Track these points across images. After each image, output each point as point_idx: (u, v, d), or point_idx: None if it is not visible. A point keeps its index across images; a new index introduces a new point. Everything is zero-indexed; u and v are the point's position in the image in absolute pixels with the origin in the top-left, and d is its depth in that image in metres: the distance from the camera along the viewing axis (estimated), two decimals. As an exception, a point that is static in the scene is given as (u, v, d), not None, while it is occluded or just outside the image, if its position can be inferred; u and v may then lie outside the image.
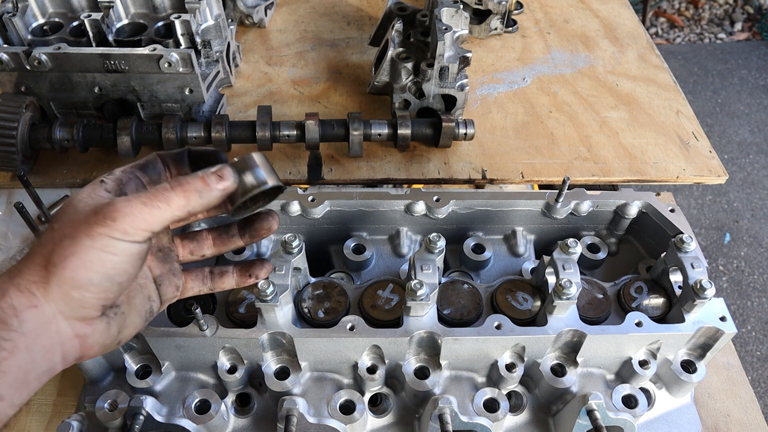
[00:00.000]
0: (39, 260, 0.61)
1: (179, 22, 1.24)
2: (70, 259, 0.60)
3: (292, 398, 0.85)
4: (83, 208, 0.63)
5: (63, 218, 0.63)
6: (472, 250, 1.07)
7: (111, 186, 0.67)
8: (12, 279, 0.61)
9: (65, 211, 0.64)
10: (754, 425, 0.98)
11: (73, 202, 0.65)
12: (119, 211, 0.61)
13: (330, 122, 1.22)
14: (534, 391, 0.93)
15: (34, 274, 0.61)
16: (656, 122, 1.41)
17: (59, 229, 0.62)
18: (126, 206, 0.62)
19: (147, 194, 0.63)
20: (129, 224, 0.62)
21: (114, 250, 0.62)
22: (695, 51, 4.59)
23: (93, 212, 0.62)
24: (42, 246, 0.62)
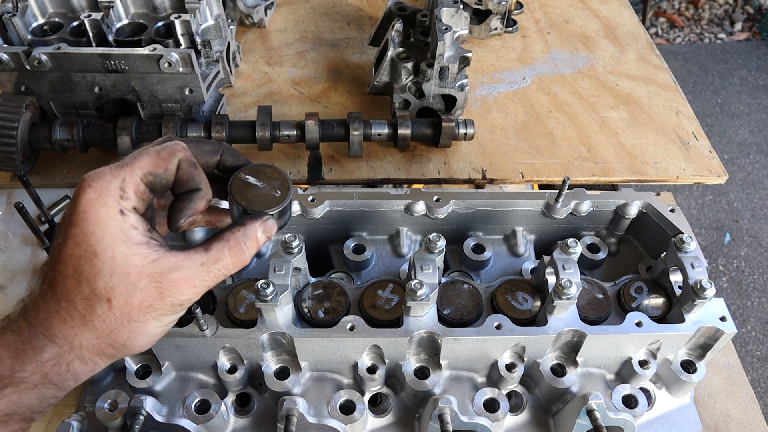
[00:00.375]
0: (104, 338, 0.62)
1: (179, 22, 1.24)
2: (140, 339, 0.64)
3: (292, 398, 0.85)
4: (140, 282, 0.61)
5: (119, 293, 0.60)
6: (472, 250, 1.07)
7: (136, 221, 0.63)
8: (75, 352, 0.62)
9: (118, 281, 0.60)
10: (754, 425, 0.98)
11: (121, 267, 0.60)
12: (185, 297, 0.64)
13: (330, 122, 1.22)
14: (534, 391, 0.93)
15: (101, 351, 0.63)
16: (656, 122, 1.41)
17: (121, 309, 0.61)
18: (191, 293, 0.64)
19: (210, 276, 0.64)
20: (192, 302, 0.66)
21: (175, 320, 0.67)
22: (695, 51, 4.59)
23: (158, 294, 0.62)
24: (105, 324, 0.61)
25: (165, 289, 0.62)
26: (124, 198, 0.61)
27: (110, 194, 0.61)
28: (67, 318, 0.61)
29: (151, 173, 0.64)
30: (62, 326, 0.61)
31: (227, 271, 0.66)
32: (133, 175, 0.62)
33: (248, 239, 0.67)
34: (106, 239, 0.60)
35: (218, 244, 0.66)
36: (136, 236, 0.62)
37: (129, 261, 0.60)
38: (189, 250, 0.65)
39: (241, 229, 0.67)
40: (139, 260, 0.61)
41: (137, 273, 0.61)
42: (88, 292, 0.60)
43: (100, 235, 0.60)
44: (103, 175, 0.61)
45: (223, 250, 0.65)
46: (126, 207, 0.61)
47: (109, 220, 0.60)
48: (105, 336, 0.62)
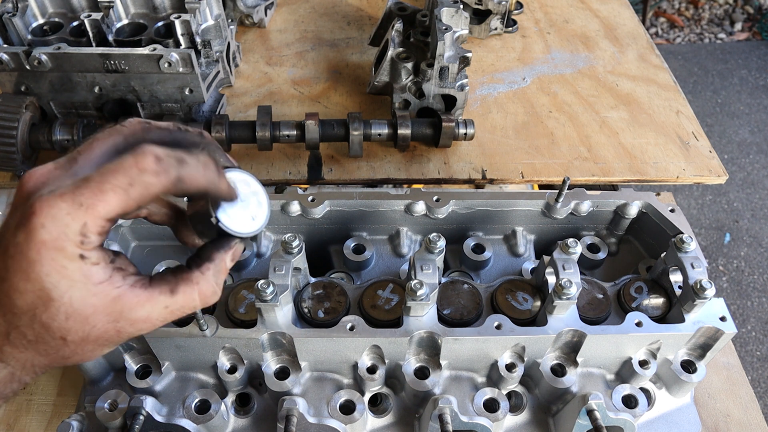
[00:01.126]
0: (57, 360, 0.60)
1: (179, 22, 1.24)
2: (90, 359, 0.62)
3: (292, 398, 0.85)
4: (98, 322, 0.57)
5: (75, 332, 0.57)
6: (472, 250, 1.07)
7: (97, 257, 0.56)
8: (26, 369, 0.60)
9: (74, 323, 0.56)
10: (754, 425, 0.98)
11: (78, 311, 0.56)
12: (142, 331, 0.60)
13: (330, 122, 1.22)
14: (534, 391, 0.93)
15: (51, 367, 0.61)
16: (656, 122, 1.41)
17: (74, 346, 0.58)
18: (149, 327, 0.60)
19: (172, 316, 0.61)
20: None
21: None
22: (695, 51, 4.59)
23: (115, 333, 0.59)
24: (50, 350, 0.58)
25: (123, 328, 0.59)
26: (86, 243, 0.54)
27: (68, 239, 0.53)
28: (19, 346, 0.58)
29: (120, 214, 0.55)
30: (14, 351, 0.58)
31: (192, 311, 0.63)
32: (96, 219, 0.53)
33: (219, 275, 0.64)
34: (62, 284, 0.54)
35: (186, 287, 0.61)
36: (97, 274, 0.56)
37: (87, 303, 0.56)
38: (153, 288, 0.60)
39: (211, 266, 0.63)
40: (97, 301, 0.56)
41: (95, 313, 0.56)
42: (41, 330, 0.56)
43: (57, 279, 0.54)
44: (58, 216, 0.52)
45: (192, 295, 0.61)
46: (87, 250, 0.54)
47: (67, 263, 0.54)
48: (58, 360, 0.60)
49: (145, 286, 0.59)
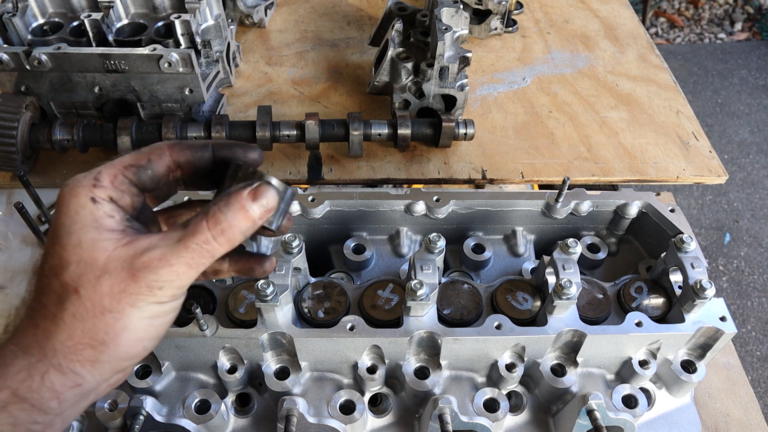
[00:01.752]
0: (79, 336, 0.55)
1: (179, 22, 1.24)
2: (122, 334, 0.56)
3: (292, 398, 0.85)
4: (110, 265, 0.55)
5: (87, 280, 0.55)
6: (472, 250, 1.07)
7: (111, 209, 0.58)
8: (49, 359, 0.55)
9: (85, 267, 0.55)
10: (754, 425, 0.98)
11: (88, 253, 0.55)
12: (163, 278, 0.56)
13: (330, 122, 1.22)
14: (534, 391, 0.93)
15: (78, 353, 0.55)
16: (656, 122, 1.41)
17: (91, 298, 0.55)
18: (169, 272, 0.56)
19: (188, 252, 0.56)
20: (176, 287, 0.57)
21: (163, 312, 0.58)
22: (695, 51, 4.59)
23: (130, 277, 0.55)
24: (77, 320, 0.55)
25: (138, 270, 0.55)
26: (98, 186, 0.58)
27: (82, 185, 0.58)
28: (39, 320, 0.56)
29: (132, 165, 0.61)
30: (34, 331, 0.55)
31: (210, 247, 0.57)
32: (110, 167, 0.60)
33: (230, 209, 0.57)
34: (74, 227, 0.56)
35: (197, 218, 0.58)
36: (110, 223, 0.57)
37: (97, 246, 0.55)
38: (167, 230, 0.60)
39: (224, 198, 0.58)
40: (109, 245, 0.56)
41: (106, 257, 0.55)
42: (57, 285, 0.55)
43: (69, 224, 0.56)
44: (79, 175, 0.60)
45: (200, 223, 0.57)
46: (99, 195, 0.57)
47: (80, 209, 0.56)
48: (79, 333, 0.55)
49: (159, 231, 0.60)
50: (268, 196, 0.59)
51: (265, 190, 0.58)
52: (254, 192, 0.58)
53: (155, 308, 0.57)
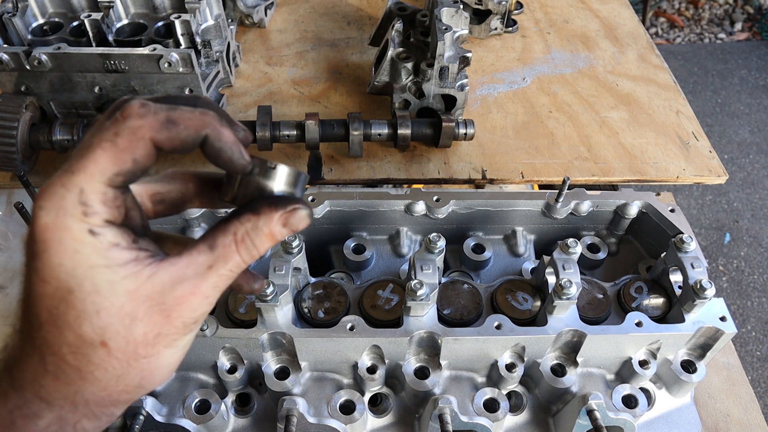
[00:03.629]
0: (113, 387, 0.50)
1: (179, 22, 1.24)
2: (157, 373, 0.52)
3: (292, 398, 0.85)
4: (138, 311, 0.48)
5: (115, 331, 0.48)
6: (472, 250, 1.07)
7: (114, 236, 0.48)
8: (80, 410, 0.50)
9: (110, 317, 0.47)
10: (754, 425, 0.98)
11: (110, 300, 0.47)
12: (198, 312, 0.51)
13: (330, 122, 1.22)
14: (534, 391, 0.93)
15: (113, 400, 0.51)
16: (656, 122, 1.41)
17: (123, 350, 0.48)
18: (204, 305, 0.51)
19: (221, 280, 0.51)
20: (206, 315, 0.52)
21: (192, 338, 0.54)
22: (695, 51, 4.59)
23: (164, 319, 0.49)
24: (108, 373, 0.49)
25: (172, 310, 0.49)
26: (90, 214, 0.46)
27: (68, 214, 0.46)
28: (60, 375, 0.48)
29: (117, 174, 0.47)
30: (56, 384, 0.49)
31: (239, 269, 0.52)
32: (92, 183, 0.46)
33: (259, 236, 0.51)
34: (79, 271, 0.46)
35: (223, 238, 0.51)
36: (119, 255, 0.47)
37: (117, 289, 0.47)
38: (189, 251, 0.51)
39: (252, 218, 0.51)
40: (130, 284, 0.47)
41: (132, 301, 0.48)
42: (74, 339, 0.47)
43: (72, 267, 0.46)
44: (53, 190, 0.46)
45: (230, 247, 0.51)
46: (95, 224, 0.47)
47: (78, 246, 0.46)
48: (113, 384, 0.50)
49: (179, 254, 0.50)
50: (299, 223, 0.53)
51: (297, 217, 0.52)
52: (286, 218, 0.52)
53: (187, 339, 0.53)
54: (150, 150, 0.48)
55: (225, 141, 0.50)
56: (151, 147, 0.48)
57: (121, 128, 0.47)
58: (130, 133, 0.47)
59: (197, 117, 0.49)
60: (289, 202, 0.52)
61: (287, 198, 0.52)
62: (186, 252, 0.51)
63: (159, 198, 0.57)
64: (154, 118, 0.47)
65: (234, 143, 0.50)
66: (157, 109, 0.48)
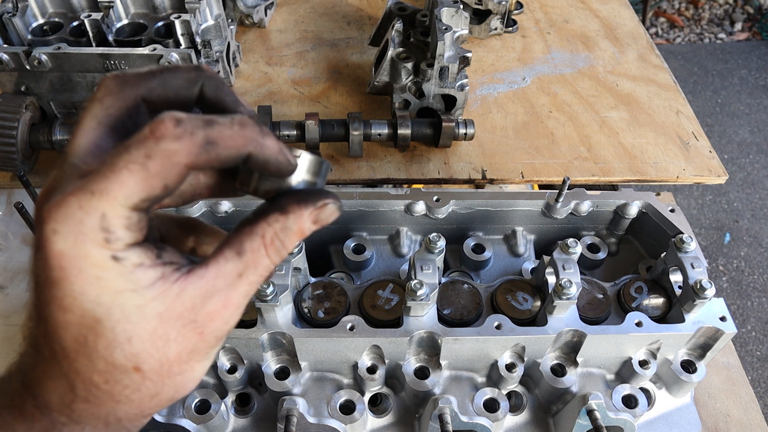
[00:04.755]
0: (147, 405, 0.49)
1: (179, 22, 1.24)
2: (189, 386, 0.50)
3: (292, 398, 0.85)
4: (170, 332, 0.46)
5: (149, 356, 0.45)
6: (472, 250, 1.07)
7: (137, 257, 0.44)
8: (112, 426, 0.49)
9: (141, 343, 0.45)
10: (754, 425, 0.98)
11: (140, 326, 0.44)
12: (231, 324, 0.49)
13: (330, 122, 1.22)
14: (534, 391, 0.93)
15: (145, 414, 0.50)
16: (656, 122, 1.41)
17: (157, 371, 0.47)
18: (237, 316, 0.49)
19: (252, 287, 0.48)
20: (236, 323, 0.50)
21: (220, 348, 0.53)
22: (695, 51, 4.59)
23: (197, 336, 0.47)
24: (143, 394, 0.47)
25: (204, 326, 0.47)
26: (112, 240, 0.42)
27: (88, 240, 0.42)
28: (91, 398, 0.46)
29: (145, 200, 0.43)
30: (87, 407, 0.47)
31: (269, 273, 0.50)
32: (116, 208, 0.42)
33: (289, 235, 0.49)
34: (104, 298, 0.43)
35: (251, 242, 0.47)
36: (145, 277, 0.44)
37: (146, 314, 0.44)
38: (216, 259, 0.47)
39: (281, 219, 0.48)
40: (159, 306, 0.44)
41: (163, 324, 0.45)
42: (106, 367, 0.45)
43: (95, 294, 0.43)
44: (69, 212, 0.42)
45: (259, 251, 0.48)
46: (118, 249, 0.43)
47: (101, 272, 0.42)
48: (146, 402, 0.48)
49: (206, 264, 0.47)
50: (329, 218, 0.50)
51: (328, 212, 0.49)
52: (317, 215, 0.49)
53: (219, 347, 0.51)
54: (183, 173, 0.44)
55: (270, 153, 0.46)
56: (185, 171, 0.43)
57: (153, 151, 0.42)
58: (164, 157, 0.42)
59: (238, 134, 0.44)
60: (318, 197, 0.49)
61: (315, 192, 0.49)
62: (213, 261, 0.47)
63: None
64: (191, 141, 0.42)
65: (279, 152, 0.46)
66: (194, 128, 0.43)
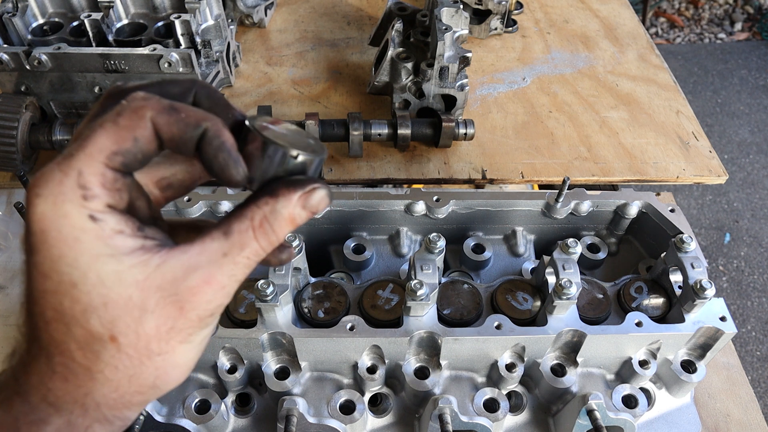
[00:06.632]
0: (125, 387, 0.47)
1: (179, 22, 1.24)
2: (173, 372, 0.49)
3: (292, 398, 0.85)
4: (149, 302, 0.45)
5: (125, 325, 0.45)
6: (472, 250, 1.07)
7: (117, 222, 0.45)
8: (91, 414, 0.48)
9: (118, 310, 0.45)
10: (754, 425, 0.98)
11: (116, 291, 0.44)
12: (215, 304, 0.48)
13: (330, 122, 1.22)
14: (534, 391, 0.93)
15: (126, 401, 0.49)
16: (656, 122, 1.41)
17: (134, 345, 0.46)
18: (221, 296, 0.48)
19: (238, 268, 0.48)
20: (223, 308, 0.49)
21: (209, 334, 0.51)
22: (695, 51, 4.59)
23: (177, 310, 0.46)
24: (120, 371, 0.46)
25: (185, 301, 0.46)
26: (90, 198, 0.43)
27: (67, 199, 0.43)
28: (69, 376, 0.46)
29: (117, 153, 0.44)
30: (65, 386, 0.46)
31: (258, 257, 0.49)
32: (91, 165, 0.44)
33: (278, 219, 0.48)
34: (82, 261, 0.43)
35: (239, 224, 0.47)
36: (124, 243, 0.44)
37: (124, 279, 0.44)
38: (203, 238, 0.47)
39: (270, 201, 0.48)
40: (137, 273, 0.44)
41: (141, 292, 0.45)
42: (82, 335, 0.45)
43: (72, 257, 0.43)
44: (50, 176, 0.43)
45: (247, 233, 0.47)
46: (96, 209, 0.44)
47: (79, 233, 0.43)
48: (126, 384, 0.47)
49: (191, 242, 0.47)
50: (319, 204, 0.49)
51: (317, 197, 0.49)
52: (305, 199, 0.49)
53: (204, 333, 0.50)
54: (151, 133, 0.45)
55: (225, 140, 0.46)
56: (151, 130, 0.45)
57: (123, 108, 0.45)
58: (132, 111, 0.45)
59: (200, 111, 0.47)
60: (307, 183, 0.49)
61: (305, 179, 0.49)
62: (199, 239, 0.47)
63: (165, 183, 0.54)
64: (157, 102, 0.46)
65: (235, 149, 0.47)
66: (161, 97, 0.46)
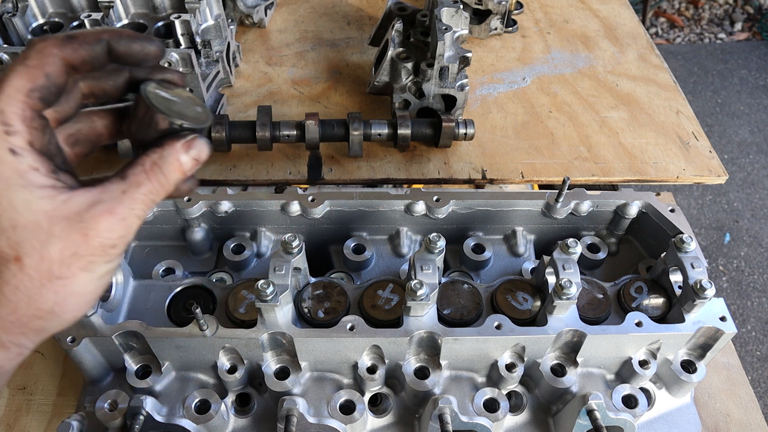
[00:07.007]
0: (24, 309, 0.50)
1: (179, 22, 1.24)
2: (71, 300, 0.52)
3: (292, 398, 0.85)
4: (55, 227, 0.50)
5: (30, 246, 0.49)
6: (472, 250, 1.07)
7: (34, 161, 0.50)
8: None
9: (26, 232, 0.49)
10: (754, 425, 0.98)
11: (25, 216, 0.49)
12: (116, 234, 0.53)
13: (330, 122, 1.22)
14: (534, 391, 0.93)
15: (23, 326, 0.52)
16: (656, 122, 1.41)
17: (37, 267, 0.50)
18: (122, 227, 0.53)
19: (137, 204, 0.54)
20: (125, 243, 0.54)
21: (110, 270, 0.55)
22: (695, 51, 4.59)
23: (81, 237, 0.51)
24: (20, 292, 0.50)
25: (89, 228, 0.51)
26: (11, 133, 0.49)
27: None
28: None
29: (33, 89, 0.50)
30: None
31: (154, 197, 0.56)
32: (11, 103, 0.49)
33: (166, 162, 0.56)
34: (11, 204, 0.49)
35: (133, 169, 0.55)
36: (38, 179, 0.50)
37: (33, 207, 0.49)
38: (102, 183, 0.54)
39: (158, 150, 0.57)
40: (46, 204, 0.49)
41: (48, 219, 0.49)
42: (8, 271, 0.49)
43: None
44: None
45: (140, 174, 0.55)
46: (17, 144, 0.49)
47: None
48: (24, 306, 0.50)
49: (93, 185, 0.54)
50: (200, 152, 0.59)
51: (198, 145, 0.59)
52: (188, 146, 0.58)
53: (106, 267, 0.54)
54: (59, 66, 0.53)
55: (125, 35, 0.56)
56: (59, 62, 0.53)
57: (28, 52, 0.52)
58: (37, 52, 0.52)
59: (95, 29, 0.56)
60: (188, 135, 0.58)
61: (188, 130, 0.59)
62: (99, 183, 0.54)
63: (73, 139, 0.61)
64: (55, 38, 0.53)
65: (135, 35, 0.57)
66: (58, 33, 0.55)
